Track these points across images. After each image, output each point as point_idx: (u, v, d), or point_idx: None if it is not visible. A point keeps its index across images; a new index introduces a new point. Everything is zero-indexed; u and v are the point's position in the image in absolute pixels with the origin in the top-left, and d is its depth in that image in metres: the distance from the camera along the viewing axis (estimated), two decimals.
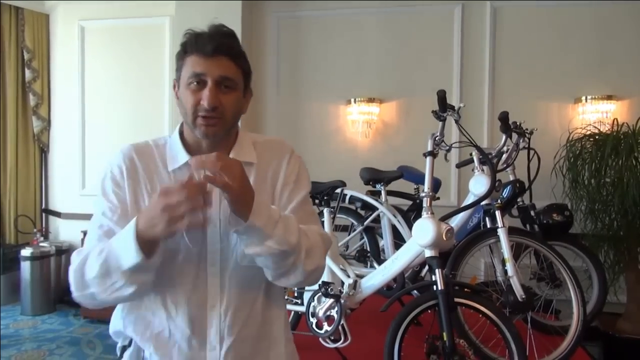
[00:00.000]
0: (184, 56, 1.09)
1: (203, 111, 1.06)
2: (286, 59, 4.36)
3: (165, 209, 0.90)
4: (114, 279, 0.98)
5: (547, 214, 2.72)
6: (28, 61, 4.90)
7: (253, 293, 1.13)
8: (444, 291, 1.74)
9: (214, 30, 1.09)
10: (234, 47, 1.10)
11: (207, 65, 1.05)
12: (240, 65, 1.11)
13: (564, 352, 2.19)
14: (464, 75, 4.09)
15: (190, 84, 1.07)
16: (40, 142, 5.06)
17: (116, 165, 1.12)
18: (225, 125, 1.10)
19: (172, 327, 1.08)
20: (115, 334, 1.18)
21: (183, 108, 1.10)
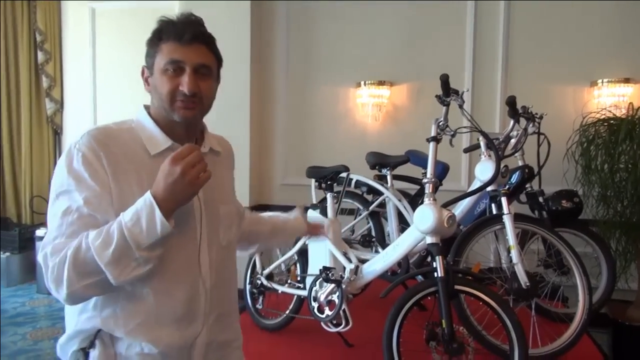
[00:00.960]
0: (159, 43, 1.12)
1: (182, 96, 1.08)
2: (295, 41, 4.32)
3: (185, 172, 0.97)
4: (132, 258, 0.98)
5: (556, 201, 2.68)
6: (40, 43, 4.94)
7: (227, 271, 1.23)
8: (444, 278, 1.72)
9: (187, 19, 1.12)
10: (209, 35, 1.14)
11: (185, 52, 1.08)
12: (214, 52, 1.15)
13: (569, 340, 2.17)
14: (476, 58, 4.00)
15: (167, 70, 1.09)
16: (53, 124, 5.13)
17: (88, 149, 1.05)
18: (203, 110, 1.15)
19: (161, 312, 1.09)
20: (76, 334, 1.11)
21: (157, 93, 1.12)
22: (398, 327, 1.79)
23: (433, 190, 1.87)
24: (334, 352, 2.22)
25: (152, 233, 0.97)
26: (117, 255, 0.97)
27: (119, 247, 0.96)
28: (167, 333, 1.10)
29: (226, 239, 1.21)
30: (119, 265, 0.97)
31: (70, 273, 0.98)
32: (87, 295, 1.03)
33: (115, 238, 0.97)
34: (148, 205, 0.97)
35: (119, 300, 1.08)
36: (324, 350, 2.23)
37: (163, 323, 1.10)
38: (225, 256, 1.22)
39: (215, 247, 1.18)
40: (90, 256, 0.97)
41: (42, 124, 5.14)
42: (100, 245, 0.97)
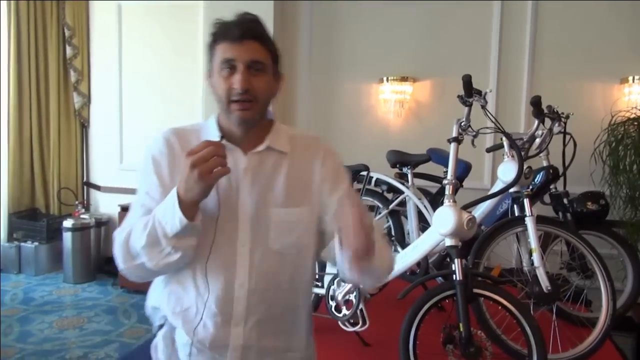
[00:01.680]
0: (214, 45, 1.13)
1: (236, 95, 1.08)
2: (318, 37, 4.31)
3: (193, 165, 0.98)
4: (162, 246, 1.05)
5: (581, 202, 2.62)
6: (69, 38, 5.03)
7: (280, 277, 1.15)
8: (463, 282, 1.71)
9: (240, 17, 1.12)
10: (261, 31, 1.13)
11: (237, 50, 1.08)
12: (268, 48, 1.13)
13: (591, 346, 2.13)
14: (501, 56, 3.93)
15: (222, 70, 1.10)
16: (81, 118, 5.22)
17: (156, 147, 1.17)
18: (259, 108, 1.12)
19: (200, 304, 1.12)
20: (153, 310, 1.24)
21: (217, 95, 1.13)
22: (415, 329, 1.78)
23: (453, 191, 1.85)
24: (351, 351, 2.22)
25: (173, 225, 1.03)
26: (150, 241, 1.05)
27: (151, 234, 1.05)
28: (203, 327, 1.12)
29: (279, 244, 1.13)
30: (151, 250, 1.06)
31: (123, 252, 1.10)
32: (137, 273, 1.12)
33: (150, 225, 1.05)
34: (171, 198, 1.03)
35: (173, 284, 1.16)
36: (341, 349, 2.23)
37: (200, 316, 1.12)
38: (279, 262, 1.15)
39: (260, 251, 1.13)
40: (134, 239, 1.08)
41: (70, 117, 5.24)
42: (139, 230, 1.07)
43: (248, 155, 1.15)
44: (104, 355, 3.16)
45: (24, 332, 3.48)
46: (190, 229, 1.03)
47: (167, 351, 1.20)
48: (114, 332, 3.53)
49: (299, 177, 1.18)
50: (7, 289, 4.37)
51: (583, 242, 2.23)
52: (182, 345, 1.17)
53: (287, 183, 1.16)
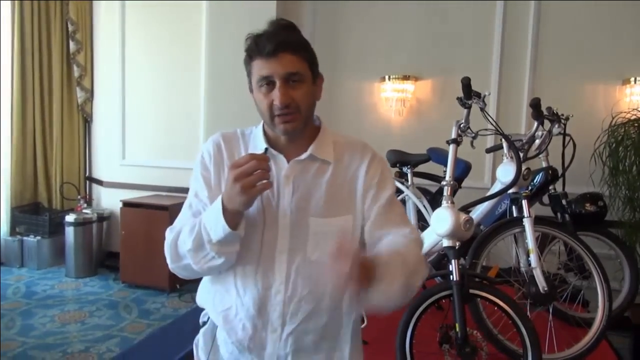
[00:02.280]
0: (250, 62, 1.13)
1: (278, 110, 1.09)
2: (321, 35, 4.32)
3: (236, 179, 1.00)
4: (206, 250, 1.07)
5: (580, 204, 2.64)
6: (72, 33, 5.04)
7: (319, 288, 1.12)
8: (459, 283, 1.73)
9: (272, 28, 1.11)
10: (294, 40, 1.11)
11: (271, 66, 1.08)
12: (303, 57, 1.12)
13: (586, 346, 2.15)
14: (504, 55, 3.94)
15: (261, 87, 1.10)
16: (84, 113, 5.25)
17: (206, 150, 1.21)
18: (302, 118, 1.13)
19: (239, 305, 1.14)
20: (200, 305, 1.29)
21: (260, 111, 1.14)
22: (412, 329, 1.81)
23: (451, 193, 1.87)
24: None
25: (217, 232, 1.05)
26: (195, 245, 1.08)
27: (197, 238, 1.08)
28: (242, 328, 1.14)
29: (318, 253, 1.11)
30: (197, 253, 1.09)
31: (172, 252, 1.14)
32: (184, 273, 1.16)
33: (196, 230, 1.08)
34: (217, 206, 1.05)
35: (218, 285, 1.19)
36: None
37: (240, 317, 1.14)
38: (317, 272, 1.11)
39: (299, 260, 1.12)
40: (181, 241, 1.12)
41: (73, 113, 5.27)
42: (187, 233, 1.10)
43: (291, 163, 1.15)
44: (105, 350, 3.19)
45: (26, 326, 3.51)
46: (233, 237, 1.06)
47: (207, 348, 1.24)
48: (115, 327, 3.56)
49: (342, 186, 1.16)
50: (10, 283, 4.41)
51: (580, 243, 2.25)
52: (223, 343, 1.21)
53: (328, 192, 1.15)
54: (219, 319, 1.19)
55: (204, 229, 1.07)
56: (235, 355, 1.19)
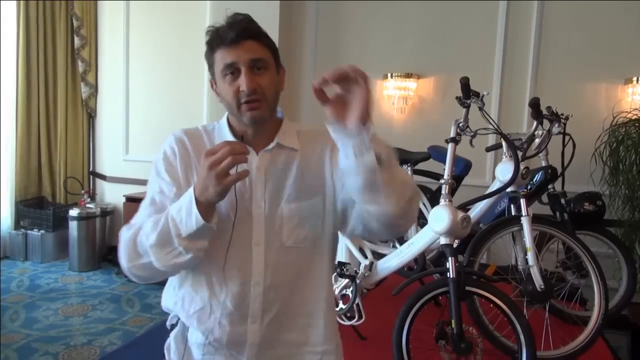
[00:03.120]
0: (212, 53, 1.13)
1: (244, 97, 1.09)
2: (324, 33, 4.33)
3: (211, 166, 0.96)
4: (173, 246, 1.04)
5: (578, 203, 2.65)
6: (77, 29, 5.08)
7: (295, 271, 1.16)
8: (455, 280, 1.75)
9: (231, 20, 1.12)
10: (255, 28, 1.13)
11: (235, 53, 1.08)
12: (265, 44, 1.13)
13: (582, 344, 2.17)
14: (506, 54, 3.95)
15: (225, 76, 1.10)
16: (88, 108, 5.29)
17: (169, 146, 1.19)
18: (268, 105, 1.13)
19: (214, 304, 1.13)
20: (166, 309, 1.26)
21: (225, 101, 1.13)
22: (408, 324, 1.83)
23: (449, 191, 1.89)
24: (347, 344, 2.26)
25: (189, 225, 1.02)
26: (160, 240, 1.04)
27: (162, 233, 1.04)
28: (218, 326, 1.14)
29: (293, 239, 1.14)
30: (161, 249, 1.04)
31: (130, 250, 1.09)
32: (141, 274, 1.11)
33: (161, 223, 1.05)
34: (188, 198, 1.02)
35: (185, 287, 1.17)
36: None
37: (216, 315, 1.14)
38: (293, 256, 1.16)
39: (275, 249, 1.14)
40: (142, 237, 1.07)
41: (77, 108, 5.30)
42: (150, 228, 1.06)
43: (260, 154, 1.16)
44: (107, 343, 3.23)
45: (30, 319, 3.56)
46: (205, 230, 1.02)
47: (180, 352, 1.21)
48: (117, 320, 3.60)
49: (311, 170, 1.18)
50: (14, 276, 4.46)
51: (577, 242, 2.27)
52: (195, 345, 1.18)
53: (299, 178, 1.17)
54: (191, 321, 1.17)
55: (172, 223, 1.03)
56: (211, 353, 1.17)
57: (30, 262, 4.86)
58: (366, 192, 1.00)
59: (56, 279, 4.45)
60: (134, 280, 1.15)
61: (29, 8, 4.91)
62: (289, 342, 1.18)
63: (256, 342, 1.15)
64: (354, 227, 1.14)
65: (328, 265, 1.22)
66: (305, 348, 1.20)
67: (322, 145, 1.20)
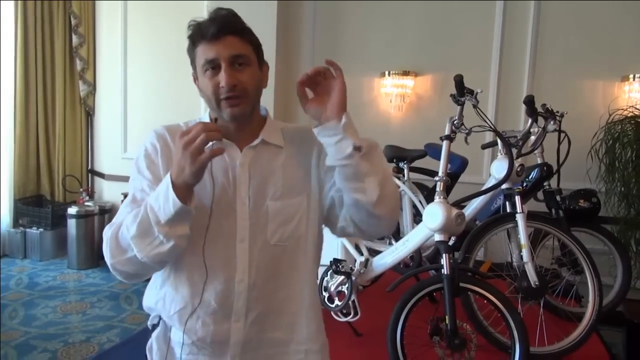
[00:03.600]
0: (194, 48, 1.12)
1: (224, 93, 1.08)
2: (322, 31, 4.34)
3: (185, 145, 0.96)
4: (154, 234, 1.02)
5: (574, 200, 2.67)
6: (75, 27, 5.07)
7: (280, 269, 1.16)
8: (449, 276, 1.77)
9: (214, 14, 1.11)
10: (238, 24, 1.12)
11: (216, 48, 1.08)
12: (248, 40, 1.12)
13: (576, 340, 2.19)
14: (503, 51, 3.95)
15: (206, 71, 1.10)
16: (86, 106, 5.29)
17: (150, 143, 1.17)
18: (249, 102, 1.12)
19: (196, 303, 1.12)
20: (147, 309, 1.24)
21: (206, 97, 1.13)
22: (403, 320, 1.85)
23: (444, 188, 1.90)
24: (343, 340, 2.29)
25: (167, 209, 1.00)
26: (141, 230, 1.03)
27: (142, 222, 1.03)
28: (201, 325, 1.13)
29: (277, 236, 1.14)
30: (142, 240, 1.03)
31: (113, 246, 1.07)
32: (125, 269, 1.09)
33: (140, 215, 1.03)
34: (165, 183, 1.01)
35: (166, 286, 1.16)
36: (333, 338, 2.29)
37: (198, 314, 1.12)
38: (277, 254, 1.15)
39: (259, 246, 1.13)
40: (124, 231, 1.06)
41: (75, 106, 5.31)
42: (130, 221, 1.05)
43: (244, 150, 1.15)
44: (105, 340, 3.25)
45: (29, 316, 3.57)
46: (183, 213, 1.00)
47: (162, 352, 1.20)
48: (115, 318, 3.62)
49: (297, 169, 1.17)
50: (13, 274, 4.47)
51: (572, 239, 2.29)
52: (178, 345, 1.16)
53: (284, 176, 1.16)
54: (173, 321, 1.16)
55: (150, 211, 1.02)
56: (194, 353, 1.16)
57: (29, 260, 4.87)
58: (351, 181, 1.06)
59: (55, 277, 4.46)
60: (120, 278, 1.13)
61: (27, 7, 4.91)
62: (272, 341, 1.18)
63: (240, 340, 1.14)
64: (345, 226, 1.16)
65: (312, 265, 1.22)
66: (289, 347, 1.19)
67: (309, 145, 1.20)
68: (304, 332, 1.20)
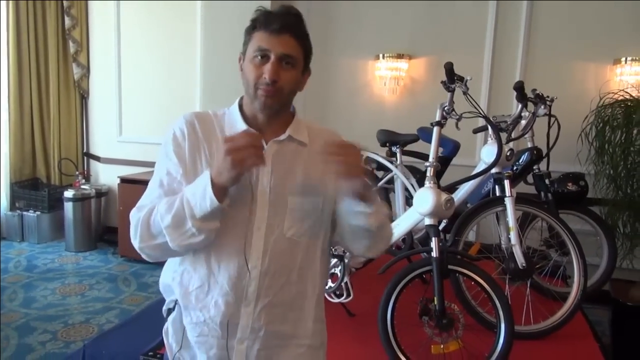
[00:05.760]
0: (252, 32, 1.17)
1: (264, 84, 1.14)
2: (316, 13, 4.32)
3: (227, 152, 1.02)
4: (187, 226, 1.08)
5: (562, 183, 2.73)
6: (67, 8, 5.03)
7: (291, 263, 1.20)
8: (438, 259, 1.82)
9: (283, 10, 1.16)
10: (300, 27, 1.18)
11: (272, 41, 1.13)
12: (302, 44, 1.18)
13: (561, 318, 2.27)
14: (497, 34, 3.97)
15: (255, 57, 1.15)
16: (80, 89, 5.28)
17: (178, 128, 1.21)
18: (282, 99, 1.18)
19: (212, 283, 1.17)
20: (165, 288, 1.29)
21: (245, 80, 1.18)
22: (393, 301, 1.91)
23: (434, 173, 1.94)
24: (337, 321, 2.35)
25: (203, 206, 1.06)
26: (175, 221, 1.08)
27: (177, 214, 1.08)
28: (214, 305, 1.17)
29: (293, 231, 1.19)
30: (175, 230, 1.09)
31: (143, 231, 1.13)
32: (153, 253, 1.16)
33: (176, 206, 1.09)
34: (204, 180, 1.07)
35: (185, 264, 1.21)
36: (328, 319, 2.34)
37: (213, 294, 1.17)
38: (291, 248, 1.20)
39: (275, 236, 1.17)
40: (157, 218, 1.11)
41: (69, 89, 5.29)
42: (164, 210, 1.10)
43: (270, 143, 1.19)
44: (105, 321, 3.31)
45: (28, 298, 3.64)
46: (217, 211, 1.07)
47: (178, 336, 1.25)
48: (114, 299, 3.69)
49: (317, 168, 1.18)
50: (11, 257, 4.52)
51: (559, 221, 2.34)
52: (191, 326, 1.21)
53: (305, 172, 1.21)
54: (189, 299, 1.20)
55: (186, 205, 1.08)
56: (204, 334, 1.20)
57: (26, 243, 4.93)
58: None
59: (53, 260, 4.52)
60: (146, 258, 1.19)
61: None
62: (278, 333, 1.21)
63: (248, 326, 1.18)
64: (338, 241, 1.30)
65: (321, 264, 1.26)
66: (292, 341, 1.24)
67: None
68: (309, 328, 1.25)
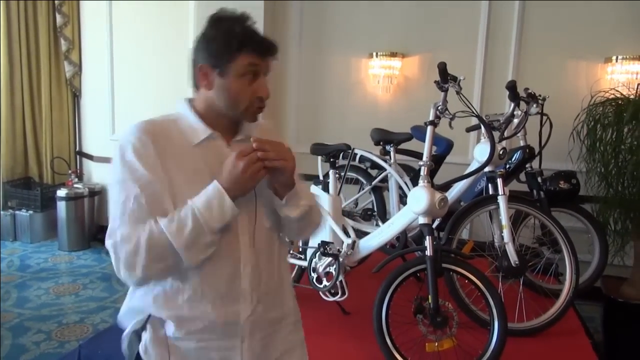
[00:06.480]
0: (239, 50, 1.15)
1: (259, 102, 1.18)
2: (310, 11, 4.32)
3: (246, 168, 1.09)
4: (206, 240, 1.09)
5: (554, 181, 2.76)
6: (59, 6, 4.99)
7: (272, 251, 1.26)
8: (432, 257, 1.84)
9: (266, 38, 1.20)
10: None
11: (263, 63, 1.19)
12: None
13: (554, 315, 2.30)
14: (490, 33, 3.98)
15: (244, 75, 1.16)
16: (72, 87, 5.24)
17: (135, 139, 1.12)
18: None
19: (205, 287, 1.15)
20: (130, 311, 1.21)
21: (229, 95, 1.17)
22: (388, 299, 1.92)
23: (427, 173, 1.96)
24: (332, 319, 2.38)
25: (223, 217, 1.09)
26: (192, 238, 1.07)
27: (194, 231, 1.07)
28: (212, 308, 1.16)
29: (269, 221, 1.24)
30: (193, 247, 1.08)
31: (146, 258, 1.06)
32: (158, 278, 1.13)
33: (190, 222, 1.07)
34: (218, 193, 1.09)
35: (168, 281, 1.15)
36: (323, 317, 2.38)
37: (208, 299, 1.15)
38: (269, 238, 1.25)
39: (258, 229, 1.21)
40: (164, 240, 1.06)
41: (61, 87, 5.26)
42: (175, 230, 1.06)
43: (232, 144, 1.21)
44: (99, 321, 3.31)
45: (22, 298, 3.62)
46: (232, 219, 1.12)
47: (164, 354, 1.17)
48: (108, 299, 3.68)
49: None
50: (4, 256, 4.49)
51: (551, 219, 2.37)
52: (188, 337, 1.17)
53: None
54: (181, 312, 1.15)
55: (203, 220, 1.07)
56: (205, 340, 1.18)
57: (19, 243, 4.90)
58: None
59: (46, 259, 4.50)
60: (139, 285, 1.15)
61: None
62: (272, 320, 1.26)
63: (248, 320, 1.19)
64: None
65: (282, 245, 1.34)
66: (282, 323, 1.30)
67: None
68: (291, 307, 1.34)
